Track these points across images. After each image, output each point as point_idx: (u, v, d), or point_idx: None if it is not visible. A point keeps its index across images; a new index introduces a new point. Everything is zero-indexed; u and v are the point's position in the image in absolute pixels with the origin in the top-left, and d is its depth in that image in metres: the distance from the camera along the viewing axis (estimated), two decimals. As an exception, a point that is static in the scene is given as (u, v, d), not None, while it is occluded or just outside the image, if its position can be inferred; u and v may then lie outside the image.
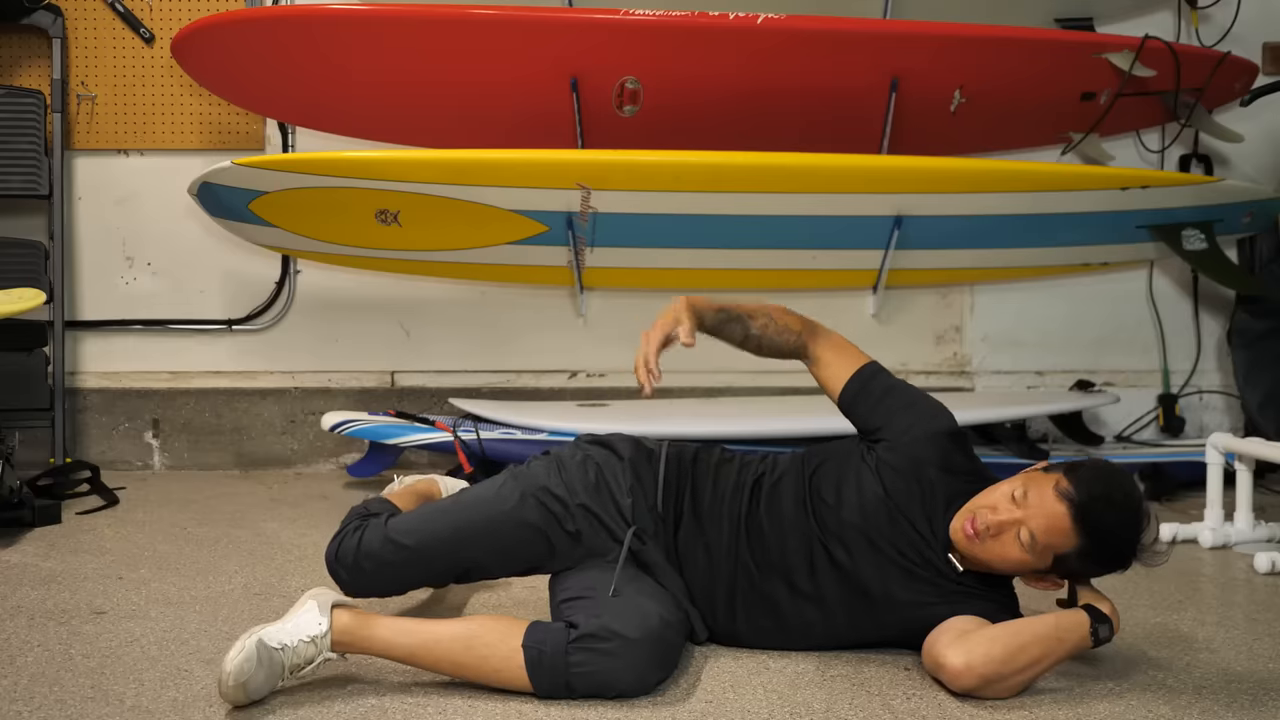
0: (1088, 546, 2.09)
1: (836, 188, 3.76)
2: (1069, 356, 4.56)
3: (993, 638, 2.07)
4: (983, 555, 2.14)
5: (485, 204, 3.69)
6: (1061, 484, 2.09)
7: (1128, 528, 2.10)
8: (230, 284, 4.37)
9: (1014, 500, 2.10)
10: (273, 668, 1.96)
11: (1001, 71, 3.97)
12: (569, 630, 2.02)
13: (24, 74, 4.23)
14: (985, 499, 2.15)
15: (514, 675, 2.01)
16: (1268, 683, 2.18)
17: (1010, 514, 2.10)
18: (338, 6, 3.86)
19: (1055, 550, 2.10)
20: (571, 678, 2.00)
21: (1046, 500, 2.09)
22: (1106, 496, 2.09)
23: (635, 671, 2.02)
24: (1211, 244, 4.04)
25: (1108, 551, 2.11)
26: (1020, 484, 2.13)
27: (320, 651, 2.02)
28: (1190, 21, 4.41)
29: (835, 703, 2.04)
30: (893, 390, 2.34)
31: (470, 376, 4.39)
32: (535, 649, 2.00)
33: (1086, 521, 2.07)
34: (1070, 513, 2.07)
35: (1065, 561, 2.11)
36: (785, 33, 3.76)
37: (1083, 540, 2.08)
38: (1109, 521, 2.09)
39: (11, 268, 4.03)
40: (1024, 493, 2.10)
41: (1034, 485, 2.11)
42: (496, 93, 3.89)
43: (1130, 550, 2.11)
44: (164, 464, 4.35)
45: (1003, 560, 2.13)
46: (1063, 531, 2.08)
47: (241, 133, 4.31)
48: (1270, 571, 2.98)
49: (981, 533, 2.11)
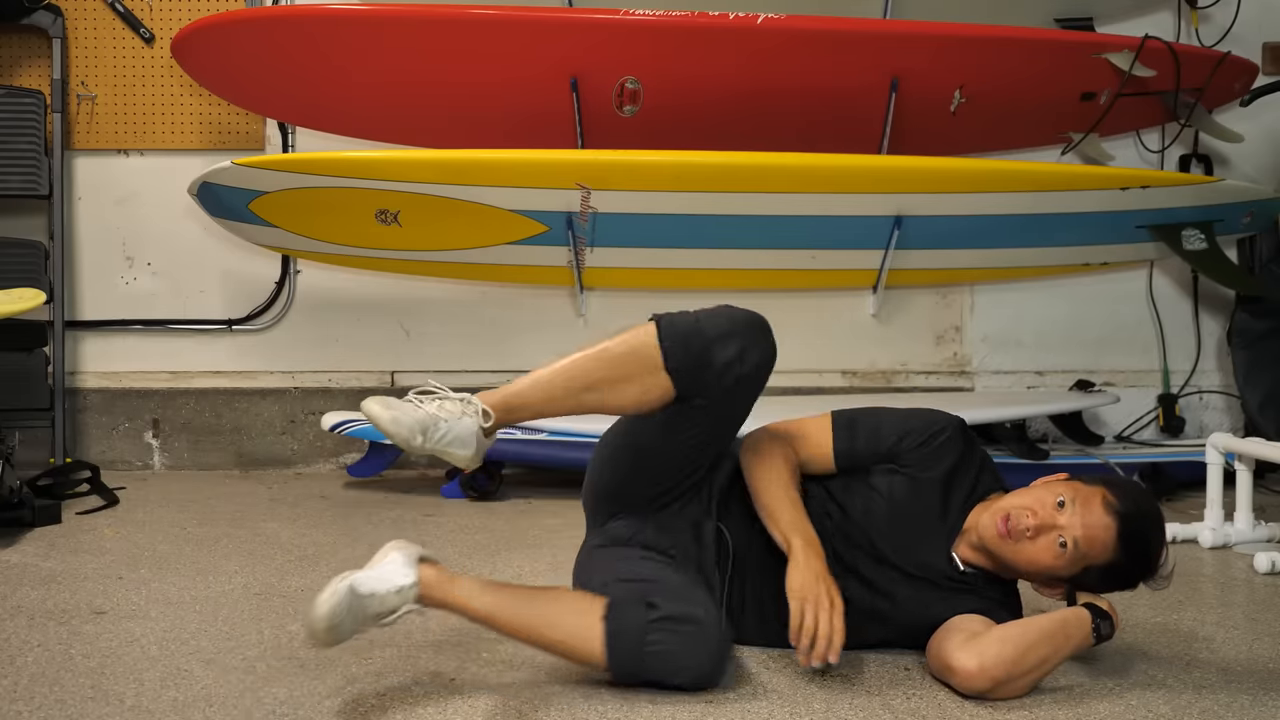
0: (1122, 562, 2.09)
1: (836, 188, 3.76)
2: (1069, 356, 4.56)
3: (1003, 639, 2.06)
4: (1010, 556, 2.13)
5: (485, 204, 3.69)
6: (1109, 497, 2.09)
7: (1160, 549, 2.12)
8: (230, 284, 4.37)
9: (1058, 507, 2.10)
10: (361, 614, 1.98)
11: (1001, 71, 3.97)
12: (649, 609, 2.02)
13: (24, 74, 4.23)
14: (1021, 500, 2.14)
15: (588, 649, 2.02)
16: (1268, 683, 2.18)
17: (1052, 519, 2.09)
18: (338, 6, 3.86)
19: (1090, 562, 2.10)
20: (647, 656, 2.01)
21: (1094, 511, 2.08)
22: (1152, 516, 2.11)
23: (710, 659, 2.04)
24: (1211, 244, 4.04)
25: (1137, 570, 2.13)
26: (1066, 491, 2.11)
27: (404, 602, 2.03)
28: (1190, 21, 4.41)
29: (835, 703, 2.04)
30: (880, 413, 2.33)
31: (470, 376, 4.39)
32: (615, 624, 2.01)
33: (1132, 539, 2.07)
34: (1118, 528, 2.07)
35: (1090, 574, 2.12)
36: (785, 33, 3.76)
37: (1119, 556, 2.08)
38: (1150, 542, 2.10)
39: (11, 268, 4.03)
40: (1071, 500, 2.10)
41: (1080, 495, 2.10)
42: (496, 93, 3.89)
43: (1151, 573, 2.13)
44: (164, 464, 4.35)
45: (1031, 564, 2.13)
46: (1105, 545, 2.08)
47: (241, 133, 4.31)
48: (1270, 571, 2.98)
49: (1018, 533, 2.10)
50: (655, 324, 2.12)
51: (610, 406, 2.13)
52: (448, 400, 2.06)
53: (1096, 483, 2.14)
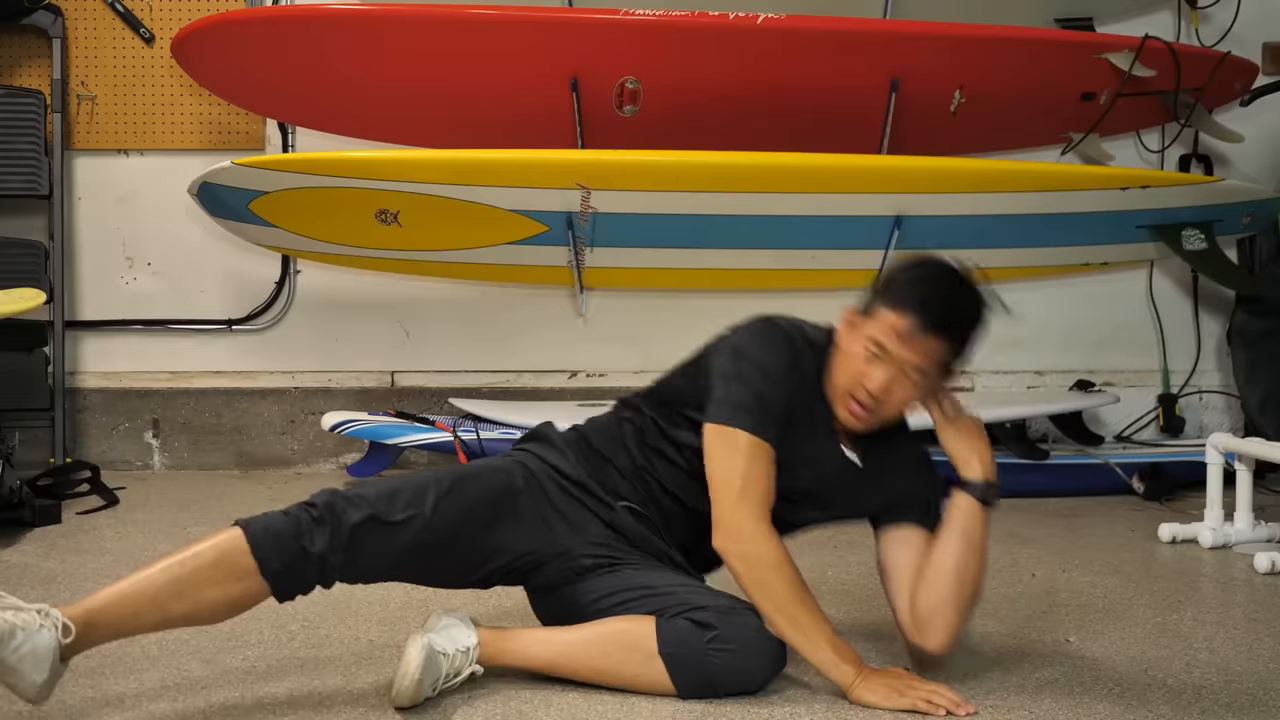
0: (945, 323, 2.04)
1: (836, 188, 3.76)
2: (1069, 356, 4.55)
3: (944, 599, 2.08)
4: (874, 422, 2.10)
5: (485, 204, 3.69)
6: (885, 308, 2.04)
7: (950, 279, 2.09)
8: (230, 284, 4.37)
9: (874, 357, 2.05)
10: (437, 672, 1.99)
11: (1001, 71, 3.97)
12: (702, 630, 2.02)
13: (24, 74, 4.23)
14: (846, 376, 2.08)
15: (655, 679, 2.03)
16: (1268, 683, 2.18)
17: (884, 370, 2.05)
18: (338, 6, 3.86)
19: (936, 358, 2.05)
20: (714, 677, 2.02)
21: (895, 329, 2.02)
22: (921, 279, 2.07)
23: (771, 663, 2.05)
24: (1211, 244, 4.04)
25: (962, 311, 2.08)
26: (859, 341, 2.06)
27: (469, 663, 2.04)
28: (1190, 21, 4.41)
29: (835, 703, 2.04)
30: (735, 384, 2.12)
31: (470, 376, 4.39)
32: (675, 653, 2.02)
33: (933, 312, 2.02)
34: (919, 318, 2.02)
35: (950, 363, 2.09)
36: (785, 33, 3.76)
37: (941, 326, 2.04)
38: (944, 292, 2.06)
39: (11, 268, 4.03)
40: (875, 344, 2.04)
41: (872, 331, 2.05)
42: (496, 93, 3.89)
43: (967, 292, 2.09)
44: (164, 464, 4.35)
45: (903, 405, 2.09)
46: (925, 339, 2.03)
47: (241, 133, 4.31)
48: (1270, 571, 2.98)
49: (871, 405, 2.07)
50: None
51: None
52: (21, 610, 1.79)
53: (866, 303, 2.12)
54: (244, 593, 1.94)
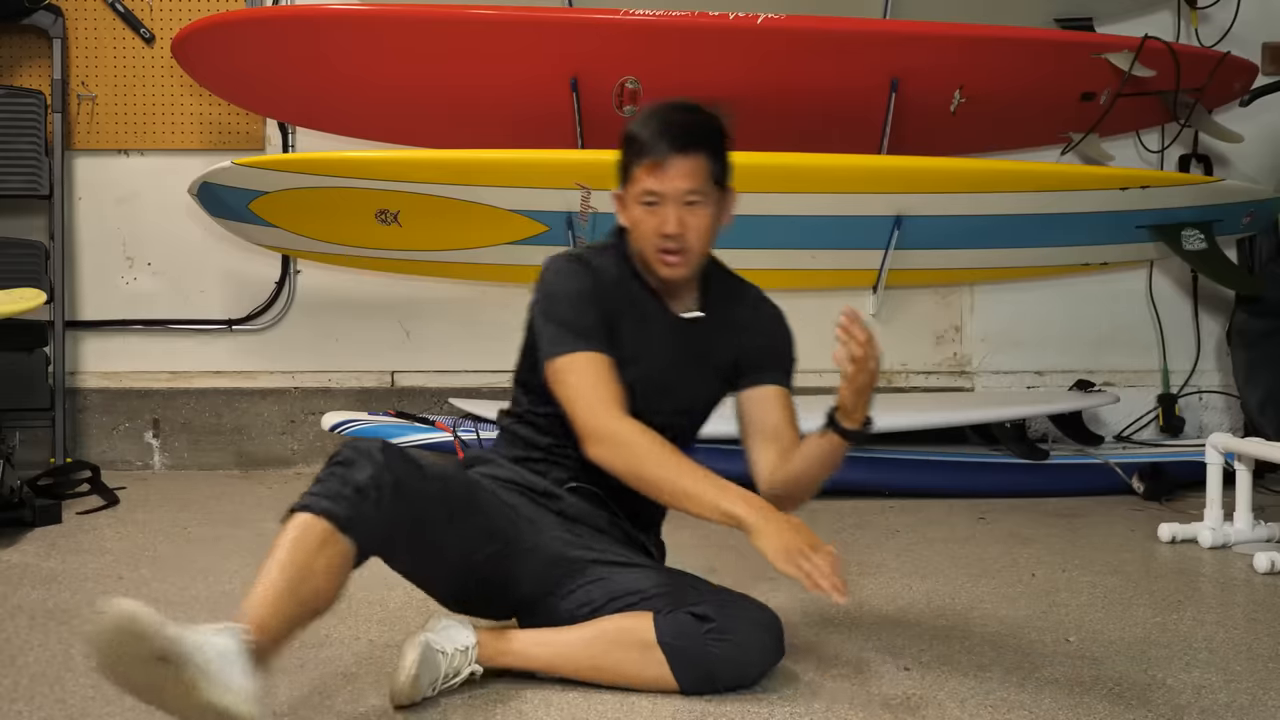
0: (684, 140, 2.12)
1: (836, 188, 3.76)
2: (1069, 356, 4.56)
3: (795, 496, 2.15)
4: (692, 259, 2.16)
5: (485, 204, 3.70)
6: (634, 164, 2.13)
7: (664, 108, 2.19)
8: (230, 284, 4.37)
9: (651, 205, 2.12)
10: (435, 671, 2.00)
11: (1001, 71, 3.97)
12: (700, 622, 2.03)
13: (24, 74, 4.23)
14: (643, 237, 2.15)
15: (655, 674, 2.04)
16: (1268, 683, 2.18)
17: (665, 209, 2.12)
18: (338, 6, 3.86)
19: (700, 173, 2.12)
20: (713, 668, 2.03)
21: (649, 173, 2.11)
22: (642, 122, 2.16)
23: (768, 653, 2.08)
24: (1211, 244, 4.04)
25: (693, 124, 2.17)
26: (634, 207, 2.15)
27: (469, 663, 2.06)
28: (1190, 21, 4.41)
29: (835, 703, 2.04)
30: (550, 318, 2.24)
31: (470, 376, 4.39)
32: (675, 644, 2.03)
33: (668, 137, 2.11)
34: (659, 148, 2.10)
35: (721, 175, 2.16)
36: (785, 33, 3.77)
37: (682, 143, 2.11)
38: (667, 118, 2.15)
39: (11, 268, 4.03)
40: (645, 195, 2.12)
41: (636, 190, 2.13)
42: (496, 93, 3.90)
43: (687, 109, 2.19)
44: (164, 464, 4.35)
45: (707, 235, 2.16)
46: (677, 162, 2.11)
47: (241, 133, 4.32)
48: (1270, 571, 2.98)
49: (676, 245, 2.13)
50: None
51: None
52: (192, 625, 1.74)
53: (619, 186, 2.20)
54: (337, 556, 1.92)
